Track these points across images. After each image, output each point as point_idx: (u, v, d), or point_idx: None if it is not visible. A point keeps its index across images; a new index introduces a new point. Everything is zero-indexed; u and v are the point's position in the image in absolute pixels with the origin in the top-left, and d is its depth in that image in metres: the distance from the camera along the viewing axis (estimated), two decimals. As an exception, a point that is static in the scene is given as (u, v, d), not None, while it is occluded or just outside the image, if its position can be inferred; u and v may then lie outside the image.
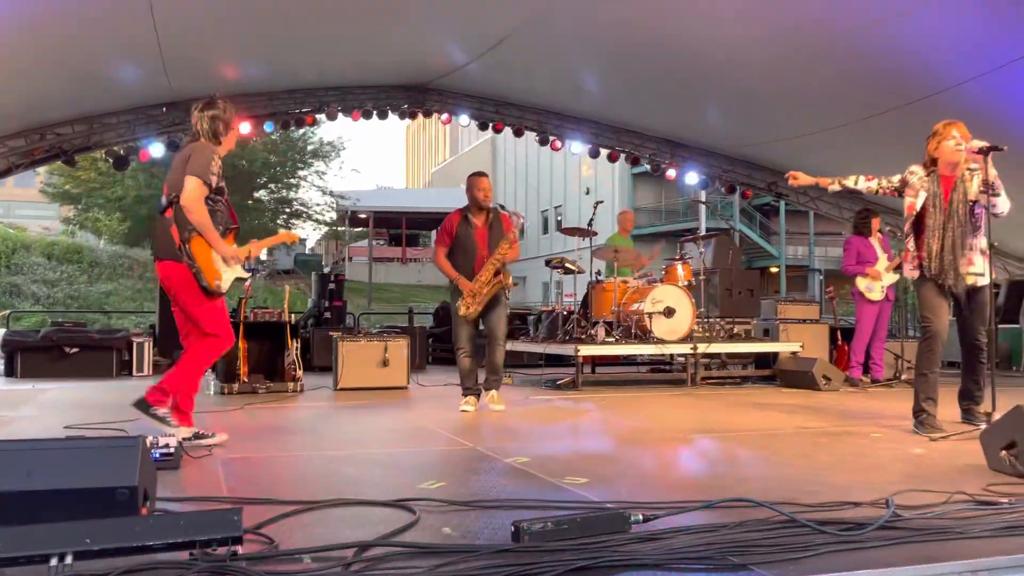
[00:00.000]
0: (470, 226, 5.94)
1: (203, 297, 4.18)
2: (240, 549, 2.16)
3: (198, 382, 4.36)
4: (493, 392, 5.98)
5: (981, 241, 4.81)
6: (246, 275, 4.45)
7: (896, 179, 5.04)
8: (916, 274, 4.98)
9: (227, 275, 4.27)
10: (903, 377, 8.46)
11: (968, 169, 4.78)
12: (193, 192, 4.06)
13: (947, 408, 5.00)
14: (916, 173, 4.95)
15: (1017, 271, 11.88)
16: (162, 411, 4.20)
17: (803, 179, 5.18)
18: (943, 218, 4.77)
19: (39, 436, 3.95)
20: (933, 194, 4.81)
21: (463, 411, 5.93)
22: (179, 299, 4.25)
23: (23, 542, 1.99)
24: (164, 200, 4.20)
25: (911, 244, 4.98)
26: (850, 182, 5.10)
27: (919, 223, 4.91)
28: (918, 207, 4.88)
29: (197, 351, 4.28)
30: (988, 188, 4.63)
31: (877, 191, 5.06)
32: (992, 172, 4.63)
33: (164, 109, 9.56)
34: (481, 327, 6.01)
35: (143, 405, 4.21)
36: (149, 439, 3.47)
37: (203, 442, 4.22)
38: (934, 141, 4.86)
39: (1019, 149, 4.97)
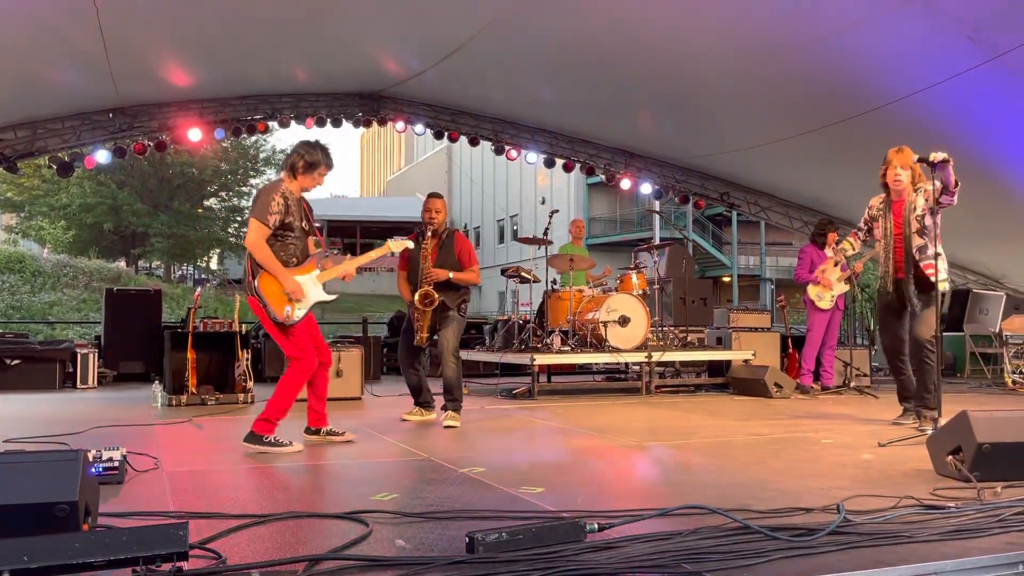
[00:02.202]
0: (420, 247, 5.82)
1: (278, 327, 4.58)
2: (186, 565, 2.10)
3: (292, 402, 4.63)
4: (450, 411, 5.80)
5: (937, 247, 5.18)
6: (329, 297, 4.73)
7: (862, 222, 5.57)
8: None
9: (301, 304, 4.58)
10: (852, 384, 8.63)
11: (914, 190, 5.22)
12: (252, 234, 4.51)
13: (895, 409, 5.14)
14: (874, 204, 5.49)
15: (960, 280, 12.22)
16: (271, 438, 4.51)
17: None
18: (893, 239, 5.29)
19: (-24, 451, 3.80)
20: (886, 217, 5.32)
21: (402, 419, 5.94)
22: (265, 329, 4.71)
23: (-45, 562, 1.91)
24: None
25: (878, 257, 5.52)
26: (849, 251, 5.74)
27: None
28: (879, 234, 5.40)
29: (287, 377, 4.62)
30: (937, 203, 4.95)
31: (864, 240, 5.62)
32: (937, 185, 4.87)
33: (111, 115, 9.35)
34: (435, 336, 5.95)
35: (254, 438, 4.51)
36: (92, 452, 3.37)
37: (337, 438, 4.83)
38: (883, 168, 5.34)
39: (965, 159, 5.15)
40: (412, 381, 6.01)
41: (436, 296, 5.68)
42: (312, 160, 4.67)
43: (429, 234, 5.81)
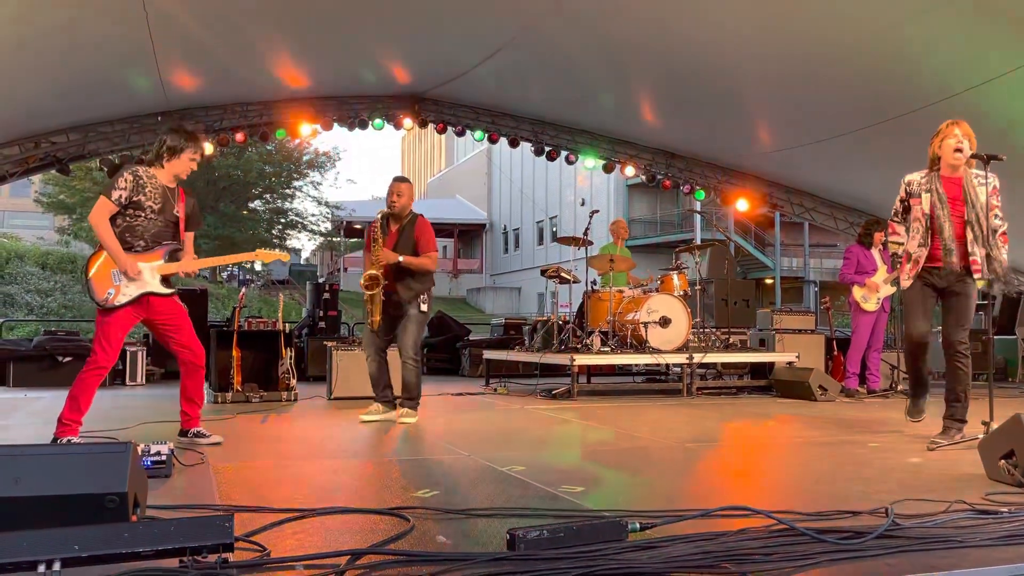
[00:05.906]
0: (386, 233, 5.76)
1: (98, 309, 4.39)
2: (231, 556, 2.13)
3: (89, 400, 4.41)
4: (406, 408, 5.71)
5: (990, 248, 4.71)
6: (164, 291, 4.52)
7: (897, 202, 4.97)
8: (909, 282, 4.92)
9: (129, 289, 4.41)
10: (899, 388, 8.46)
11: (975, 175, 4.75)
12: (95, 208, 4.40)
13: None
14: (913, 180, 4.88)
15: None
16: (67, 439, 4.30)
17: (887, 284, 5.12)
18: (951, 210, 4.69)
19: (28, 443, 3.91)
20: (936, 192, 4.73)
21: (361, 420, 5.71)
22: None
23: (10, 549, 1.96)
24: None
25: (914, 246, 4.84)
26: (898, 248, 5.03)
27: (931, 225, 4.79)
28: (927, 208, 4.76)
29: (81, 377, 4.38)
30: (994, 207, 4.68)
31: (906, 229, 4.95)
32: (995, 185, 4.64)
33: (159, 118, 9.53)
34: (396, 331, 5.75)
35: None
36: (140, 446, 3.44)
37: (203, 440, 4.59)
38: (937, 140, 4.79)
39: (1020, 158, 4.99)
40: (371, 369, 5.78)
41: (381, 279, 5.56)
42: (174, 145, 4.54)
43: (405, 219, 5.71)
